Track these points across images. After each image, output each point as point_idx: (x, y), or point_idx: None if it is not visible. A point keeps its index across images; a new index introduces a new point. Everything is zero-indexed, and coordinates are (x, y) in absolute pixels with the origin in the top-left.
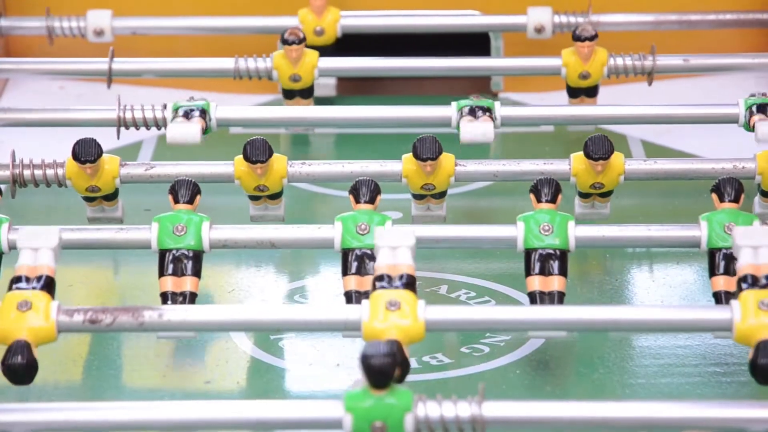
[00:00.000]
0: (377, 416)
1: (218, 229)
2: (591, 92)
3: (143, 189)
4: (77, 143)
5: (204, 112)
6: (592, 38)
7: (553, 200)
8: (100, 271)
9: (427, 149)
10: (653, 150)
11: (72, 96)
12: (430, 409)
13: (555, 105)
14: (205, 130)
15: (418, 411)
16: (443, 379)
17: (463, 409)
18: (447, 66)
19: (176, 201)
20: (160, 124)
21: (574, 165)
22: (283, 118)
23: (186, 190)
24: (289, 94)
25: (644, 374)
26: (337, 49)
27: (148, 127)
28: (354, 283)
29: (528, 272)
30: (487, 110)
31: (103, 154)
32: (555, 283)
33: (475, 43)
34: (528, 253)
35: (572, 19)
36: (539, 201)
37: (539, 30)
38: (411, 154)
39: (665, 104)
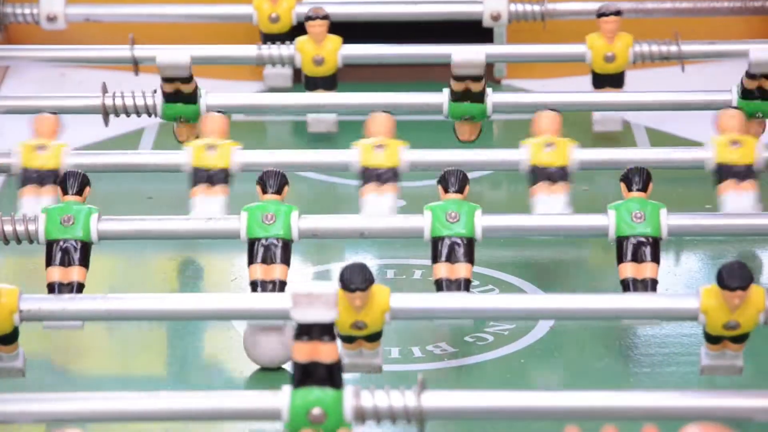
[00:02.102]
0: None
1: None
2: (616, 81)
3: (143, 177)
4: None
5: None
6: (617, 13)
7: (644, 189)
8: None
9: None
10: (657, 137)
11: (73, 83)
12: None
13: (551, 92)
14: None
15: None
16: (447, 368)
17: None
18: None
19: (264, 192)
20: (150, 111)
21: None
22: (276, 105)
23: (274, 181)
24: (311, 83)
25: (649, 363)
26: (343, 37)
27: (138, 114)
28: (444, 271)
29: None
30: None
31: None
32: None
33: (477, 28)
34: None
35: (528, 8)
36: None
37: (495, 18)
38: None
39: (657, 90)
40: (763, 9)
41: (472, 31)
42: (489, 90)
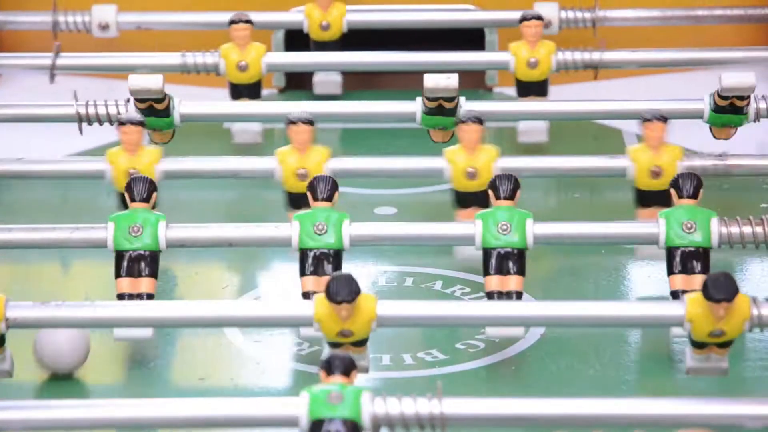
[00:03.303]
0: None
1: (175, 228)
2: (541, 89)
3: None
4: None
5: None
6: (538, 18)
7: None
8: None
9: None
10: None
11: (65, 91)
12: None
13: (537, 100)
14: None
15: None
16: (438, 375)
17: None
18: (440, 60)
19: (132, 199)
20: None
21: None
22: (247, 114)
23: (143, 187)
24: (235, 91)
25: (640, 370)
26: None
27: (111, 122)
28: (312, 284)
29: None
30: None
31: None
32: None
33: (470, 37)
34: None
35: (579, 15)
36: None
37: (546, 25)
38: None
39: (633, 99)
40: (755, 17)
41: (465, 38)
42: (462, 98)
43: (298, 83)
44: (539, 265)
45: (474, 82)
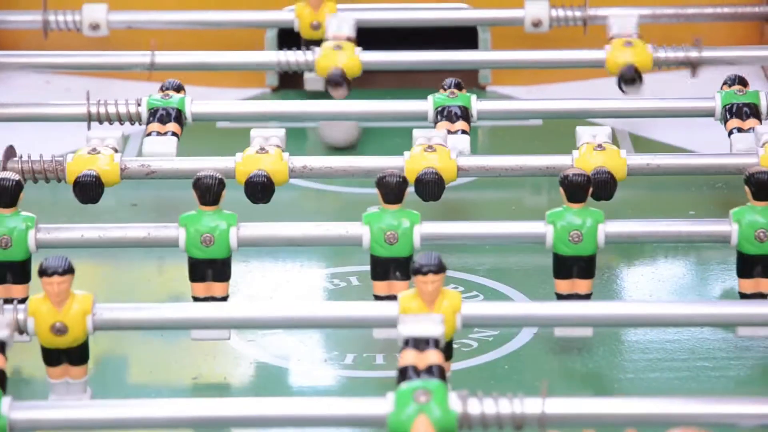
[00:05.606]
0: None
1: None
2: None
3: (129, 183)
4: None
5: (179, 114)
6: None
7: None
8: (98, 268)
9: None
10: (641, 143)
11: (59, 90)
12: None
13: (535, 99)
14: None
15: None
16: None
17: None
18: (467, 59)
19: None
20: (134, 119)
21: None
22: (259, 113)
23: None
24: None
25: (633, 369)
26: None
27: (122, 122)
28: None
29: None
30: None
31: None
32: None
33: (462, 35)
34: None
35: (569, 13)
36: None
37: (536, 24)
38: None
39: (639, 98)
40: (750, 15)
41: (457, 36)
42: (473, 97)
43: (291, 83)
44: (530, 263)
45: (467, 80)
